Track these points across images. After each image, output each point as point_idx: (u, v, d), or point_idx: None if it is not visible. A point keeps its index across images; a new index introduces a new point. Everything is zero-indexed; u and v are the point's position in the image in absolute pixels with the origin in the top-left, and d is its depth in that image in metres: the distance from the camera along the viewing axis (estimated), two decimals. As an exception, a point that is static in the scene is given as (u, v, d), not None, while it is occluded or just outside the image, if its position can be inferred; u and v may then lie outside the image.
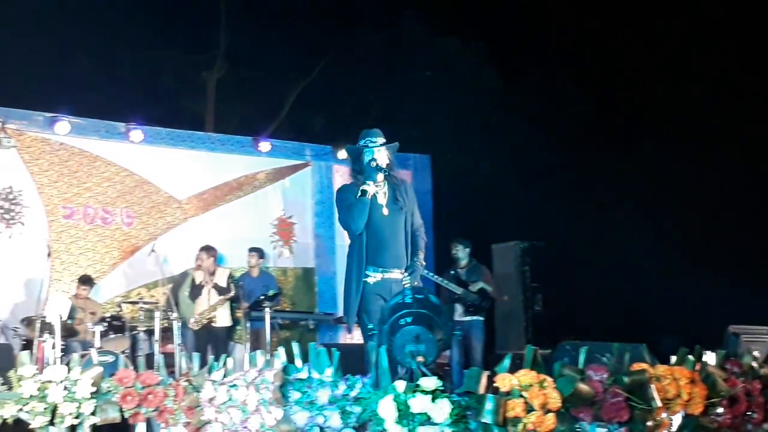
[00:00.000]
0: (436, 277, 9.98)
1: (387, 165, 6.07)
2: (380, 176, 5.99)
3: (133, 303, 10.43)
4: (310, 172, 12.35)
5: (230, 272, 10.71)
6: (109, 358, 8.45)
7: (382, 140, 6.12)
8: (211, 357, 5.15)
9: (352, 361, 5.09)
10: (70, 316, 9.12)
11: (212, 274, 10.37)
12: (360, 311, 5.89)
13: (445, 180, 13.44)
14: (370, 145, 6.08)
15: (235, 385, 4.72)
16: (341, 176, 12.54)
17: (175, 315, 9.48)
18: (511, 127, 14.86)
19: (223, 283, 10.36)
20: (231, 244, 11.29)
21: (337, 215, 6.30)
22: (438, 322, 4.82)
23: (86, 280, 10.06)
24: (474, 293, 9.89)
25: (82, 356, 6.70)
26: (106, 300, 10.63)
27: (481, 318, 9.92)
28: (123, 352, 9.08)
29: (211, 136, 12.19)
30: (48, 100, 11.46)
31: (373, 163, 5.99)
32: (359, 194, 5.90)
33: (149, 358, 9.48)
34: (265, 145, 11.91)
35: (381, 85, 15.54)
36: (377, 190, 5.99)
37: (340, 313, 11.66)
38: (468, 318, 9.84)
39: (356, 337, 11.78)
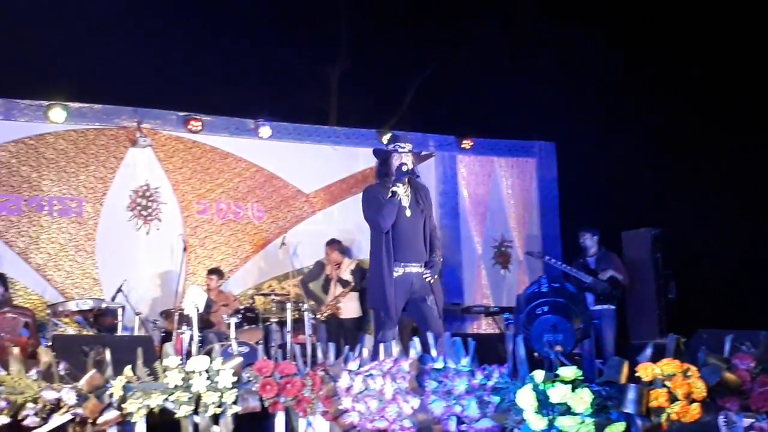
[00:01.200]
0: (564, 266, 9.82)
1: (412, 169, 6.48)
2: (406, 180, 6.41)
3: (265, 295, 10.63)
4: (433, 163, 12.31)
5: (357, 264, 10.81)
6: (245, 349, 8.61)
7: (409, 146, 6.52)
8: (346, 348, 5.17)
9: (483, 351, 5.03)
10: (206, 309, 9.32)
11: (338, 266, 10.51)
12: (381, 305, 6.26)
13: (571, 167, 13.17)
14: (399, 150, 6.47)
15: (371, 375, 4.73)
16: (465, 166, 12.49)
17: (305, 306, 9.61)
18: (639, 111, 14.45)
19: (347, 276, 10.46)
20: (357, 235, 11.37)
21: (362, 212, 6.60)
22: (575, 311, 4.72)
23: (215, 272, 10.30)
24: (604, 281, 9.67)
25: (221, 347, 6.85)
26: (239, 292, 10.86)
27: (613, 307, 9.69)
28: (257, 343, 9.24)
29: (336, 130, 12.29)
30: (180, 100, 11.76)
31: (404, 167, 6.38)
32: (389, 195, 6.31)
33: (282, 348, 9.66)
34: (387, 137, 11.92)
35: (503, 74, 15.35)
36: (402, 192, 6.40)
37: (468, 302, 11.69)
38: (599, 307, 9.62)
39: (484, 326, 11.78)
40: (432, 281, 6.41)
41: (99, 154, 10.54)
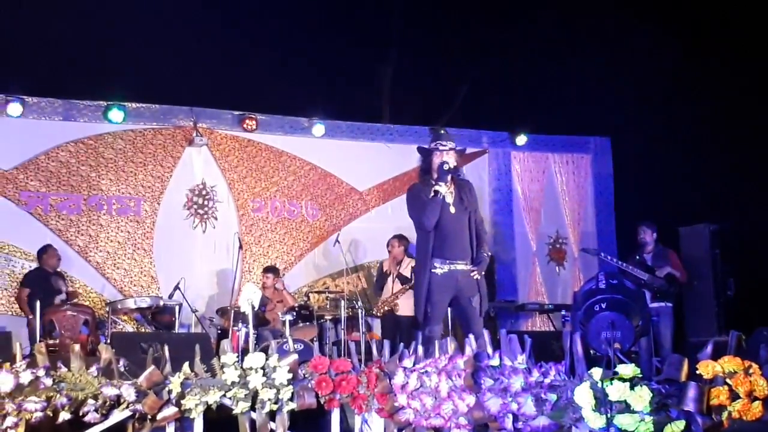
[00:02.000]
0: (620, 262, 9.70)
1: (454, 167, 6.46)
2: (449, 178, 6.40)
3: (320, 293, 10.68)
4: (487, 159, 12.28)
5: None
6: (299, 346, 8.66)
7: (451, 144, 6.49)
8: (401, 345, 5.16)
9: (537, 348, 4.99)
10: (262, 306, 9.39)
11: (399, 263, 10.50)
12: (426, 302, 6.31)
13: (627, 162, 13.02)
14: (441, 148, 6.45)
15: (426, 372, 4.71)
16: (519, 163, 12.41)
17: (359, 304, 9.63)
18: (695, 105, 14.21)
19: (407, 273, 10.44)
20: (411, 233, 11.31)
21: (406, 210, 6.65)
22: (634, 307, 4.65)
23: (270, 269, 10.37)
24: (661, 278, 9.53)
25: (277, 344, 6.89)
26: (293, 290, 10.91)
27: (670, 304, 9.54)
28: (312, 340, 9.28)
29: (389, 128, 12.29)
30: (235, 99, 11.85)
31: (445, 166, 6.36)
32: (432, 195, 6.31)
33: (336, 344, 9.69)
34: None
35: (557, 68, 15.20)
36: (446, 190, 6.40)
37: (522, 300, 11.62)
38: (656, 304, 9.47)
39: (539, 324, 11.70)
40: (479, 278, 6.38)
41: (156, 154, 10.67)
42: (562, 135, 12.82)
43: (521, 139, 12.30)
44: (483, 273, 6.42)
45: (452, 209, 6.37)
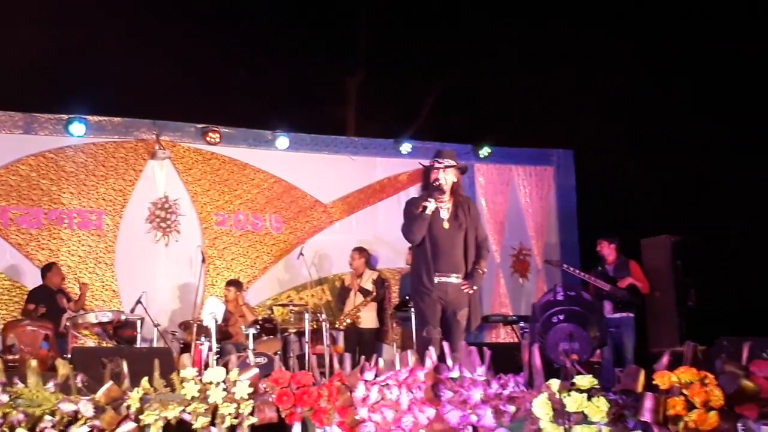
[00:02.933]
0: (583, 274, 9.79)
1: (454, 184, 6.60)
2: (443, 195, 6.53)
3: (284, 306, 10.65)
4: (451, 172, 12.31)
5: (379, 274, 10.82)
6: (262, 360, 8.61)
7: (449, 162, 6.60)
8: (362, 358, 5.17)
9: (501, 360, 5.02)
10: (225, 320, 9.34)
11: (360, 275, 10.54)
12: (420, 304, 6.47)
13: (590, 175, 13.13)
14: (437, 165, 6.59)
15: (387, 385, 4.72)
16: (483, 175, 12.48)
17: (324, 316, 9.62)
18: (657, 118, 14.39)
19: (368, 285, 10.48)
20: (375, 246, 11.37)
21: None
22: (591, 318, 4.70)
23: (233, 283, 10.35)
24: (623, 289, 9.62)
25: (238, 358, 6.86)
26: (257, 303, 10.89)
27: (632, 314, 9.62)
28: (275, 354, 9.25)
29: (353, 140, 12.33)
30: (199, 112, 11.81)
31: (437, 183, 6.52)
32: (420, 209, 6.42)
33: (300, 359, 9.66)
34: (405, 147, 11.93)
35: (521, 82, 15.32)
36: (441, 206, 6.54)
37: (486, 311, 11.66)
38: (618, 315, 9.56)
39: (503, 335, 11.74)
40: (470, 292, 6.47)
41: (118, 167, 10.61)
42: (525, 147, 12.90)
43: (485, 152, 12.37)
44: (475, 288, 6.51)
45: (446, 225, 6.52)
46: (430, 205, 6.44)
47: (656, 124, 14.50)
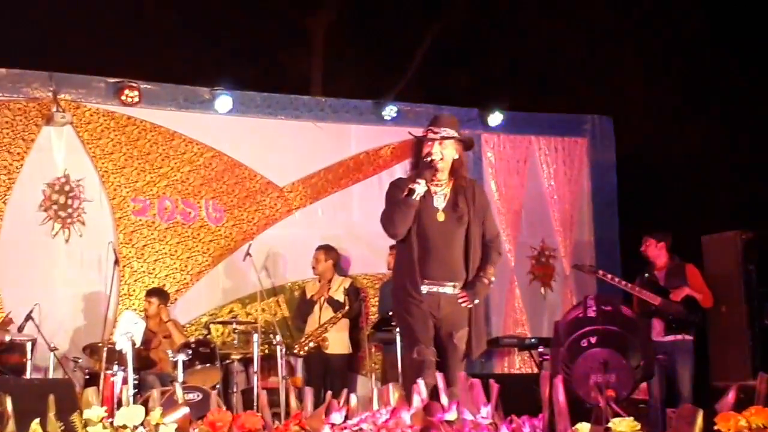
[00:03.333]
0: (625, 283, 9.82)
1: (455, 162, 6.55)
2: (438, 174, 6.49)
3: (225, 323, 10.64)
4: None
5: (352, 282, 10.84)
6: (196, 396, 8.62)
7: (448, 131, 6.54)
8: (329, 393, 5.19)
9: (514, 397, 5.04)
10: (145, 342, 9.32)
11: (327, 283, 10.56)
12: (407, 318, 6.46)
13: (635, 150, 13.18)
14: (430, 135, 6.53)
15: (361, 430, 4.74)
16: (493, 149, 12.51)
17: (278, 338, 9.64)
18: (725, 75, 14.45)
19: (338, 297, 10.50)
20: (348, 244, 11.39)
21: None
22: (633, 342, 4.73)
23: (155, 293, 10.34)
24: (677, 303, 9.68)
25: (162, 393, 6.85)
26: (190, 320, 10.90)
27: (690, 337, 9.69)
28: (213, 388, 9.25)
29: (320, 101, 12.30)
30: (111, 62, 11.77)
31: (430, 159, 6.45)
32: (406, 193, 6.38)
33: (246, 394, 9.67)
34: (389, 111, 11.93)
35: (542, 27, 15.34)
36: (436, 190, 6.54)
37: (496, 332, 11.71)
38: (671, 337, 9.62)
39: (518, 364, 11.79)
40: (470, 306, 6.47)
41: (2, 135, 10.56)
42: (549, 113, 12.93)
43: (495, 118, 12.37)
44: (477, 301, 6.49)
45: (440, 216, 6.50)
46: (419, 188, 6.38)
47: (727, 85, 14.57)
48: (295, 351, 10.37)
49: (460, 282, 6.47)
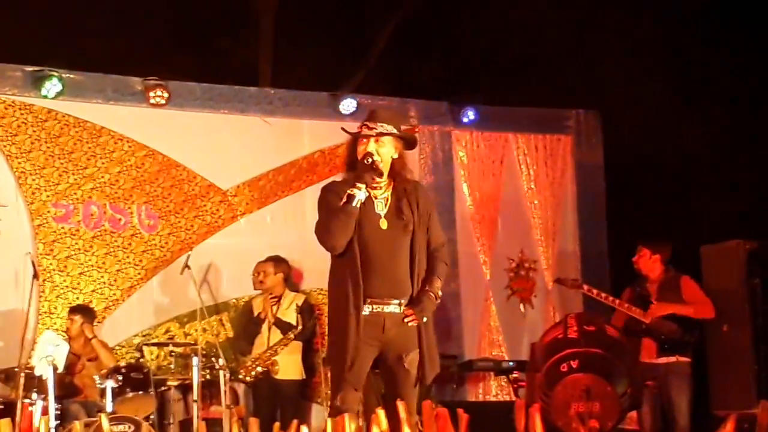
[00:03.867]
0: (611, 299, 9.85)
1: (395, 162, 6.48)
2: (377, 177, 6.38)
3: (160, 345, 10.61)
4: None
5: (306, 298, 10.84)
6: (127, 428, 8.59)
7: (386, 127, 6.44)
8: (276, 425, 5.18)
9: (488, 428, 5.05)
10: (68, 366, 9.29)
11: (278, 300, 10.55)
12: (338, 357, 6.32)
13: (623, 148, 13.25)
14: (365, 131, 6.43)
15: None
16: (465, 148, 12.55)
17: (222, 362, 9.61)
18: (726, 65, 14.55)
19: (290, 316, 10.50)
20: (300, 255, 11.38)
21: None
22: (619, 367, 4.74)
23: (79, 310, 10.26)
24: (670, 321, 9.71)
25: (88, 425, 6.83)
26: (119, 341, 10.87)
27: (685, 359, 9.71)
28: (146, 419, 9.23)
29: (269, 93, 12.33)
30: (32, 48, 11.72)
31: (369, 159, 6.33)
32: (344, 200, 6.28)
33: (185, 425, 9.64)
34: (348, 104, 11.95)
35: (521, 12, 15.41)
36: (376, 194, 6.45)
37: (469, 355, 11.75)
38: (664, 359, 9.62)
39: (494, 390, 11.82)
40: (416, 324, 6.39)
41: None
42: (528, 107, 12.98)
43: (468, 114, 12.42)
44: (426, 319, 6.40)
45: (383, 223, 6.41)
46: (360, 194, 6.28)
47: (729, 75, 14.66)
48: (241, 376, 10.34)
49: (405, 298, 6.38)
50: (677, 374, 9.63)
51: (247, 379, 10.38)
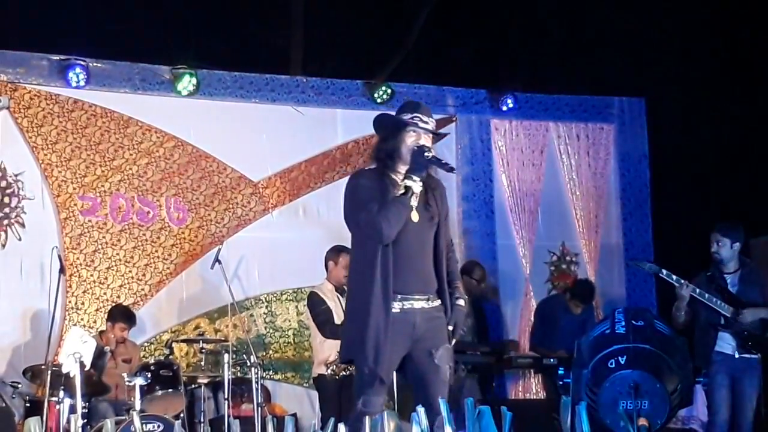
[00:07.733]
0: (693, 287, 9.34)
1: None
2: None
3: (190, 342, 10.63)
4: (454, 132, 12.32)
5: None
6: (156, 426, 8.61)
7: (433, 122, 6.55)
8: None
9: (530, 426, 5.04)
10: (97, 364, 9.32)
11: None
12: (366, 357, 6.22)
13: (670, 137, 13.19)
14: (421, 125, 6.43)
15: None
16: (504, 137, 12.51)
17: (253, 359, 9.61)
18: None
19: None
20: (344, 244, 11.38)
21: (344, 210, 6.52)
22: (669, 363, 4.73)
23: (122, 316, 10.19)
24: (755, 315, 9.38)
25: (117, 424, 6.85)
26: (148, 338, 10.93)
27: (757, 355, 9.39)
28: (177, 417, 9.24)
29: (301, 82, 12.30)
30: (57, 37, 11.74)
31: (428, 154, 6.34)
32: (401, 192, 6.28)
33: (216, 424, 9.66)
34: (383, 93, 11.93)
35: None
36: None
37: (509, 351, 11.69)
38: (746, 355, 9.30)
39: (535, 388, 11.80)
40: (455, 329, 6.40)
41: (-74, 122, 10.60)
42: (570, 95, 12.94)
43: (507, 101, 12.39)
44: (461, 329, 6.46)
45: (414, 216, 6.35)
46: (416, 186, 6.28)
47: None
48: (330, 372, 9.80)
49: (432, 294, 6.38)
50: (750, 372, 9.42)
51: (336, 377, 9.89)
